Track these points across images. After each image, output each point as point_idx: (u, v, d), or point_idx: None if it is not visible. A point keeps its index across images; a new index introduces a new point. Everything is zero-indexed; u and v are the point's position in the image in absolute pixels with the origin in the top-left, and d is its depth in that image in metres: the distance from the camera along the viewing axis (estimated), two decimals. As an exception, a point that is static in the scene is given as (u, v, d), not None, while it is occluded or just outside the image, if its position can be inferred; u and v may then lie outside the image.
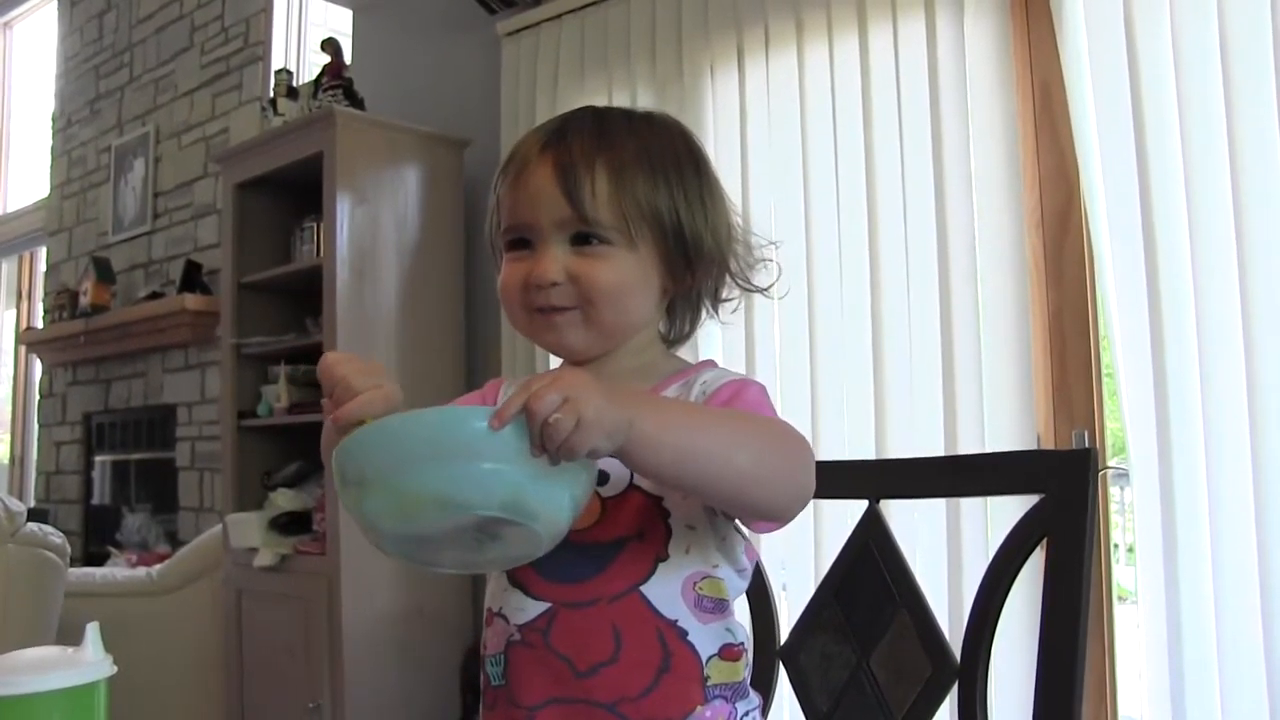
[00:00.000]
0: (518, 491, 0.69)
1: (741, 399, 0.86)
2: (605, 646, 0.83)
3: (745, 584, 0.92)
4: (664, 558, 0.85)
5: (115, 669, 0.66)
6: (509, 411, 0.67)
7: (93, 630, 0.66)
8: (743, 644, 0.89)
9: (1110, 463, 1.97)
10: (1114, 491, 2.03)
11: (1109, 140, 1.85)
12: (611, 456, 0.71)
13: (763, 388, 0.89)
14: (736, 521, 0.89)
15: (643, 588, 0.84)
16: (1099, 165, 1.86)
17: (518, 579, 0.87)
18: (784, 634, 1.17)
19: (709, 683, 0.85)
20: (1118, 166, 1.84)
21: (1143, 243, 1.79)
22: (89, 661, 0.65)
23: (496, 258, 0.94)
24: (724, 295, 0.96)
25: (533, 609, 0.86)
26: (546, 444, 0.67)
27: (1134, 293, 1.80)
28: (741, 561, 0.90)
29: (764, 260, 0.96)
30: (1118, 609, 1.94)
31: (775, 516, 0.83)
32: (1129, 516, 1.90)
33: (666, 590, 0.84)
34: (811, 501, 0.84)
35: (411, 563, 0.76)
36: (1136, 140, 1.81)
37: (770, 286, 0.97)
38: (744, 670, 0.89)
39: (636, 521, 0.85)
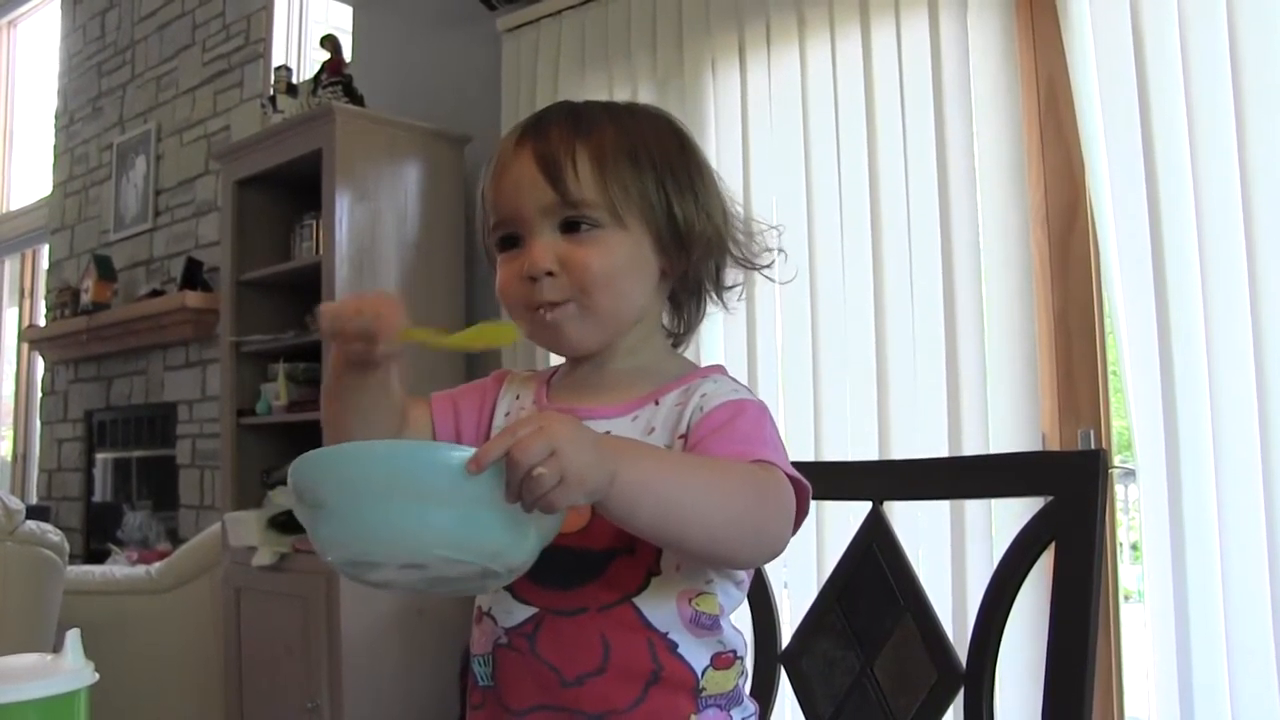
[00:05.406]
0: (489, 539, 0.66)
1: (735, 425, 0.82)
2: (593, 656, 0.81)
3: (743, 595, 0.89)
4: (656, 572, 0.83)
5: (96, 677, 0.64)
6: (490, 456, 0.64)
7: (73, 637, 0.64)
8: (734, 651, 0.86)
9: (1115, 461, 1.95)
10: (1118, 490, 2.01)
11: (1114, 137, 1.83)
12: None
13: (762, 408, 0.85)
14: None
15: (635, 599, 0.82)
16: (1104, 162, 1.84)
17: None
18: (785, 637, 1.15)
19: (704, 694, 0.83)
20: (1123, 163, 1.81)
21: (1149, 239, 1.77)
22: (68, 670, 0.63)
23: (491, 263, 0.92)
24: (727, 282, 0.93)
25: (520, 613, 0.84)
26: (524, 495, 0.64)
27: (1140, 290, 1.78)
28: (738, 575, 0.87)
29: (767, 248, 0.93)
30: (1122, 608, 1.92)
31: (738, 568, 0.85)
32: (1134, 515, 1.88)
33: (661, 604, 0.82)
34: (813, 502, 0.83)
35: (359, 582, 0.72)
36: (1143, 136, 1.78)
37: (771, 264, 0.94)
38: (736, 678, 0.87)
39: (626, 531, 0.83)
